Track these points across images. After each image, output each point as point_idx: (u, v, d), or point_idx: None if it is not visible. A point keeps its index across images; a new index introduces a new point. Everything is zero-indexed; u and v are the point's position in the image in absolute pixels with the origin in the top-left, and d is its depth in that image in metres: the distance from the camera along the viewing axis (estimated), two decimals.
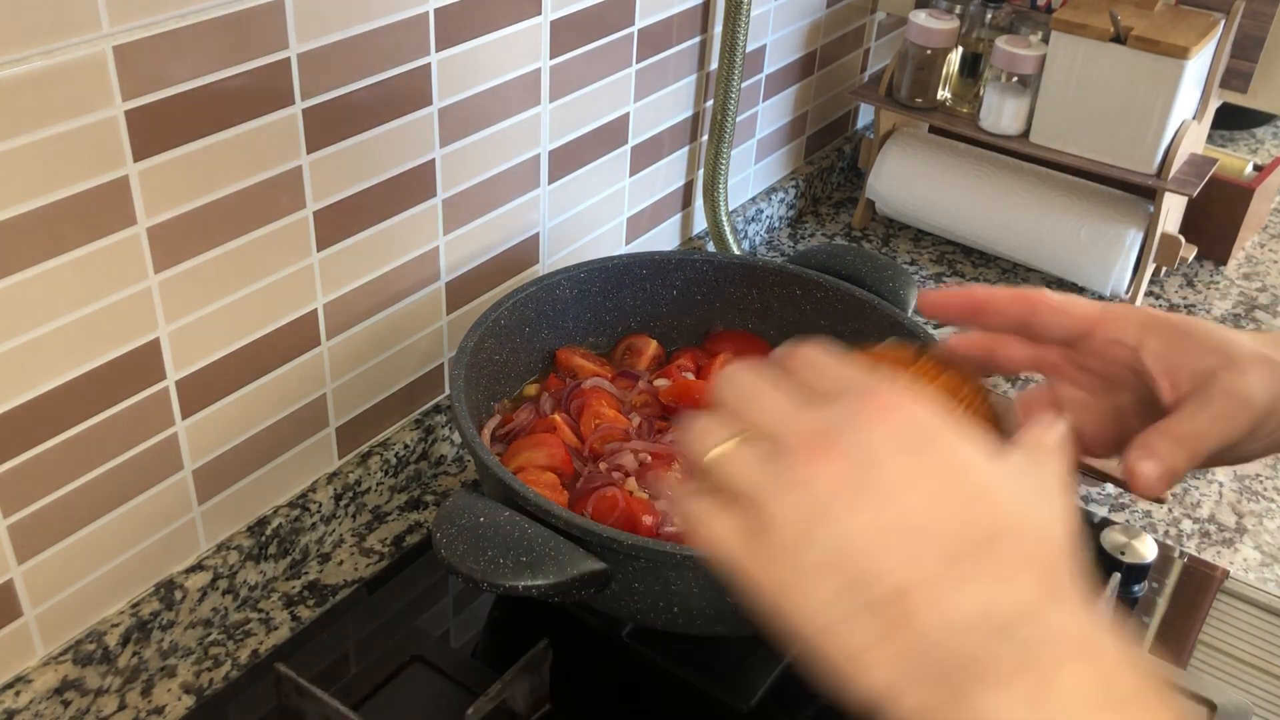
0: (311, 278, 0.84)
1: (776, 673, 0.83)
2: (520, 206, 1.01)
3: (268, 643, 0.85)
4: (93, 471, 0.74)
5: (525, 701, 0.77)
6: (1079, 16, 1.19)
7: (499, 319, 0.90)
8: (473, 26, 0.88)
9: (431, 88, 0.87)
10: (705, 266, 1.00)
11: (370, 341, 0.91)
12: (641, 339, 0.99)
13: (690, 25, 1.13)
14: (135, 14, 0.66)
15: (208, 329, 0.78)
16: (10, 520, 0.71)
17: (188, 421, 0.79)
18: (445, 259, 0.95)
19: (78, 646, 0.77)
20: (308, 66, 0.76)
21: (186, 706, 0.80)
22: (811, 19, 1.34)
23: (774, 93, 1.33)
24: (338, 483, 0.92)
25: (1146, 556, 0.92)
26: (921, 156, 1.37)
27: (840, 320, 0.97)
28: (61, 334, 0.69)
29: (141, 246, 0.71)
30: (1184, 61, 1.14)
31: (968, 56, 1.32)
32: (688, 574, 0.72)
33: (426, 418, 0.99)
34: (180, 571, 0.83)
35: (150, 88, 0.68)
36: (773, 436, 0.45)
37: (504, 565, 0.68)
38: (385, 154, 0.85)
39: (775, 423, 0.45)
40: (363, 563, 0.92)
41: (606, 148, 1.09)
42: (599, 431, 0.88)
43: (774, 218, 1.40)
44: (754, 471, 0.45)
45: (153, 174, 0.70)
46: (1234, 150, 1.61)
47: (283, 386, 0.85)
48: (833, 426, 0.44)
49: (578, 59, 1.00)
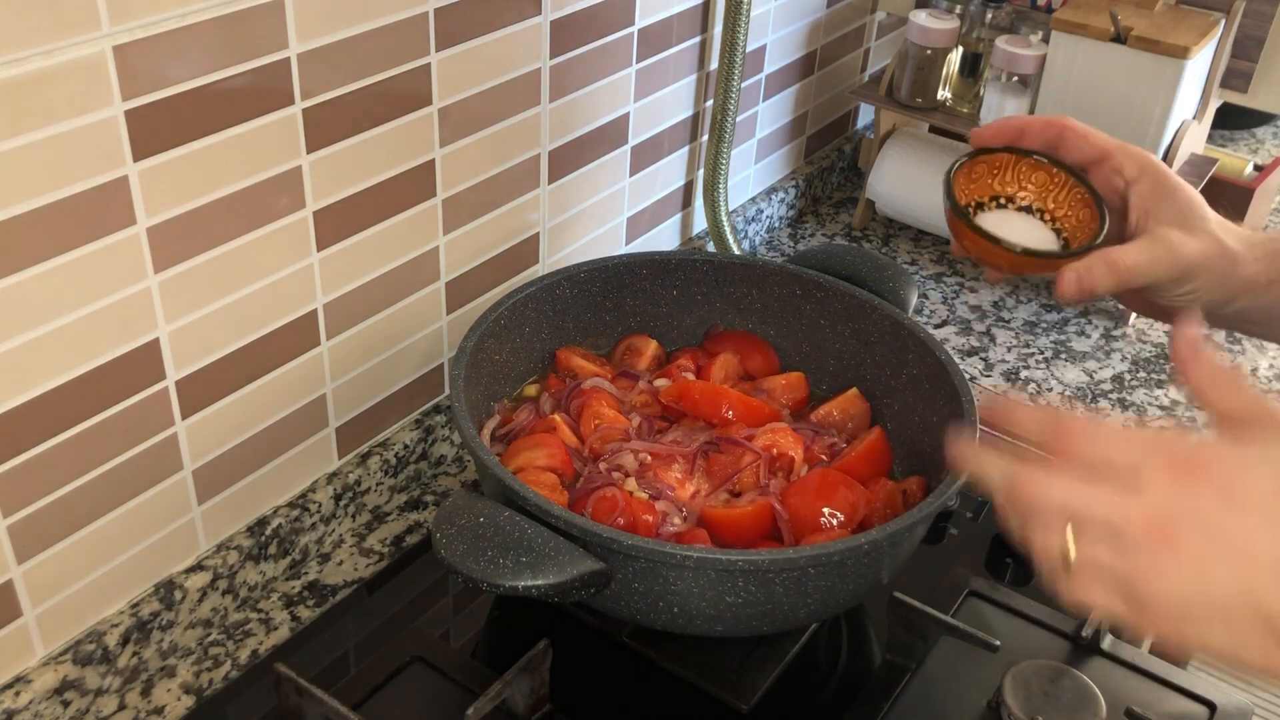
0: (311, 278, 0.84)
1: (776, 673, 0.83)
2: (520, 206, 1.01)
3: (268, 643, 0.85)
4: (93, 471, 0.74)
5: (525, 701, 0.77)
6: (1079, 16, 1.19)
7: (499, 319, 0.90)
8: (473, 26, 0.88)
9: (431, 88, 0.87)
10: (705, 266, 1.00)
11: (370, 341, 0.91)
12: (641, 339, 0.99)
13: (690, 25, 1.13)
14: (135, 14, 0.66)
15: (208, 329, 0.78)
16: (10, 520, 0.71)
17: (188, 421, 0.79)
18: (445, 259, 0.95)
19: (78, 646, 0.77)
20: (308, 66, 0.76)
21: (186, 707, 0.80)
22: (811, 19, 1.34)
23: (774, 93, 1.33)
24: (338, 483, 0.92)
25: None
26: (921, 156, 1.36)
27: (840, 320, 0.97)
28: (61, 334, 0.69)
29: (141, 246, 0.71)
30: (1184, 61, 1.14)
31: (968, 56, 1.32)
32: (688, 574, 0.72)
33: (426, 418, 0.99)
34: (180, 571, 0.83)
35: (150, 88, 0.68)
36: (1109, 526, 0.51)
37: (504, 565, 0.68)
38: (385, 154, 0.85)
39: (1107, 513, 0.51)
40: (363, 563, 0.92)
41: (606, 148, 1.09)
42: (599, 432, 0.88)
43: (774, 218, 1.40)
44: (1115, 564, 0.51)
45: (153, 174, 0.70)
46: (1234, 150, 1.61)
47: (283, 386, 0.85)
48: (1164, 509, 0.51)
49: (578, 59, 1.00)
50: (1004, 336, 1.26)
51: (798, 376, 0.97)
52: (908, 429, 0.91)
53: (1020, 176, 0.78)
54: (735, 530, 0.81)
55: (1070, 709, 0.76)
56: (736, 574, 0.72)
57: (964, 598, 0.89)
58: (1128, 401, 1.17)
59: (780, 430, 0.88)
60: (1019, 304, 1.31)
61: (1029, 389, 1.18)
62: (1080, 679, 0.78)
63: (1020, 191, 0.78)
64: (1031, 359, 1.22)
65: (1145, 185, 0.75)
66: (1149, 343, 1.26)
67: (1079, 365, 1.22)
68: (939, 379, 0.88)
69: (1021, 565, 0.95)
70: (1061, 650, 0.85)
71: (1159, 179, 0.75)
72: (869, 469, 0.87)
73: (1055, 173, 0.77)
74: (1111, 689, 0.79)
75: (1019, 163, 0.77)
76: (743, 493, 0.84)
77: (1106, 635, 0.86)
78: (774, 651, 0.84)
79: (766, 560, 0.71)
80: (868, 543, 0.72)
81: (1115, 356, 1.24)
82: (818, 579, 0.74)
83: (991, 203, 0.79)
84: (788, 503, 0.82)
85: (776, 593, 0.73)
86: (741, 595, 0.73)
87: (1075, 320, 1.29)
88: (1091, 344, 1.25)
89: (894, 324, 0.93)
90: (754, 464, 0.85)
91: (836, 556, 0.72)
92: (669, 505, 0.83)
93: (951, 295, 1.32)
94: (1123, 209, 0.76)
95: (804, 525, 0.81)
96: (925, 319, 1.27)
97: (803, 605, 0.75)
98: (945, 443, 0.84)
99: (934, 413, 0.88)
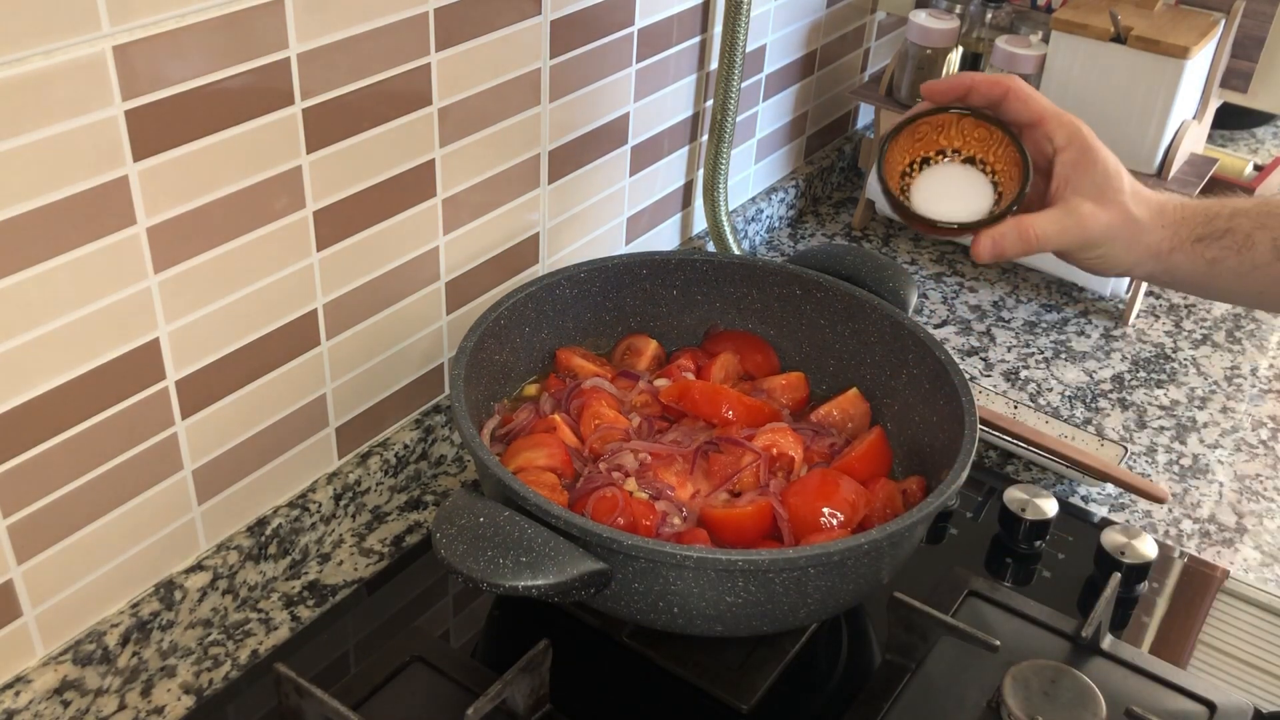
0: (311, 278, 0.84)
1: (776, 673, 0.83)
2: (520, 206, 1.01)
3: (268, 643, 0.85)
4: (93, 471, 0.74)
5: (525, 701, 0.77)
6: (1079, 16, 1.19)
7: (499, 319, 0.90)
8: (473, 26, 0.88)
9: (431, 88, 0.87)
10: (705, 266, 1.00)
11: (370, 341, 0.91)
12: (641, 339, 0.99)
13: (690, 25, 1.13)
14: (135, 14, 0.66)
15: (207, 329, 0.78)
16: (10, 520, 0.71)
17: (188, 421, 0.79)
18: (445, 259, 0.95)
19: (78, 646, 0.77)
20: (308, 66, 0.76)
21: (186, 707, 0.80)
22: (811, 19, 1.34)
23: (774, 93, 1.33)
24: (337, 483, 0.92)
25: (1147, 556, 0.92)
26: None
27: (840, 320, 0.97)
28: (61, 334, 0.69)
29: (141, 246, 0.71)
30: (1184, 61, 1.14)
31: (968, 56, 1.32)
32: (688, 574, 0.72)
33: (426, 418, 0.99)
34: (180, 571, 0.83)
35: (150, 88, 0.68)
36: None
37: (504, 565, 0.68)
38: (385, 154, 0.85)
39: None
40: (363, 563, 0.92)
41: (606, 148, 1.09)
42: (599, 431, 0.88)
43: (774, 218, 1.40)
44: None
45: (153, 174, 0.70)
46: (1234, 150, 1.61)
47: (283, 386, 0.85)
48: None
49: (578, 59, 1.00)
50: (1004, 336, 1.26)
51: (798, 376, 0.97)
52: (908, 429, 0.91)
53: (964, 132, 0.84)
54: (735, 530, 0.81)
55: (1070, 709, 0.76)
56: (736, 574, 0.72)
57: (964, 598, 0.89)
58: (1128, 401, 1.17)
59: (780, 430, 0.88)
60: (1019, 304, 1.31)
61: (1029, 389, 1.18)
62: (1080, 679, 0.78)
63: (965, 146, 0.84)
64: (1031, 359, 1.22)
65: (1070, 155, 0.80)
66: (1149, 343, 1.26)
67: (1079, 365, 1.22)
68: (939, 379, 0.88)
69: (1021, 565, 0.95)
70: (1061, 650, 0.85)
71: (1084, 150, 0.80)
72: (869, 469, 0.87)
73: (993, 130, 0.82)
74: (1111, 689, 0.79)
75: (961, 120, 0.83)
76: (743, 493, 0.84)
77: (1106, 635, 0.86)
78: (774, 651, 0.84)
79: (766, 560, 0.71)
80: (868, 543, 0.72)
81: (1115, 356, 1.24)
82: (818, 579, 0.74)
83: (939, 156, 0.85)
84: (788, 503, 0.82)
85: (776, 593, 0.73)
86: (741, 595, 0.73)
87: (1075, 320, 1.29)
88: (1091, 344, 1.25)
89: (894, 324, 0.93)
90: (754, 464, 0.85)
91: (836, 556, 0.72)
92: (669, 505, 0.83)
93: (951, 295, 1.32)
94: (1048, 173, 0.81)
95: (804, 525, 0.81)
96: (925, 319, 1.27)
97: (803, 605, 0.75)
98: (945, 443, 0.84)
99: (934, 413, 0.88)
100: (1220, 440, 1.13)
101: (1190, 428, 1.14)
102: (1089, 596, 0.91)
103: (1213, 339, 1.28)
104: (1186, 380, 1.21)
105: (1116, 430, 1.13)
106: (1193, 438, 1.13)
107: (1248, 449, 1.12)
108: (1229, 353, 1.26)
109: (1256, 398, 1.19)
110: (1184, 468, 1.09)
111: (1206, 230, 0.80)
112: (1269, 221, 0.79)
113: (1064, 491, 1.05)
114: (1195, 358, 1.24)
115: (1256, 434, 1.14)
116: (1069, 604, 0.91)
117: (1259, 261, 0.79)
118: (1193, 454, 1.11)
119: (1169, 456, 1.10)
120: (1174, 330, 1.29)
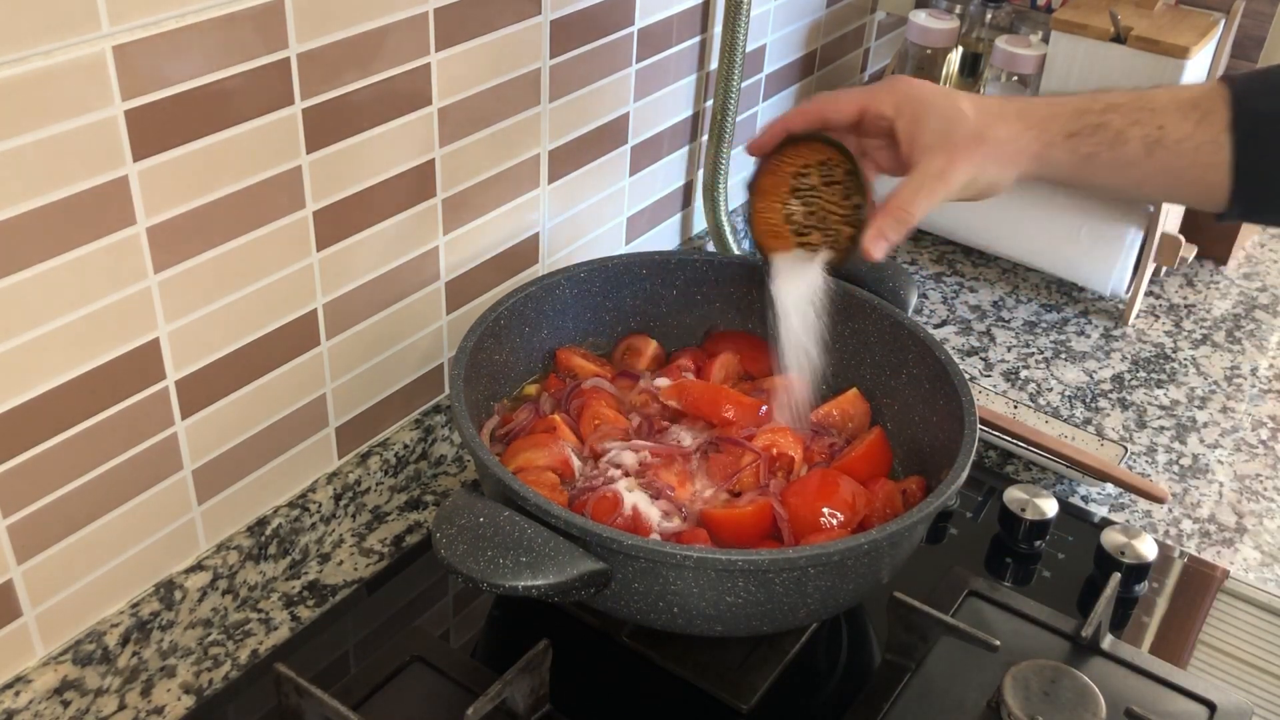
0: (311, 278, 0.84)
1: (776, 673, 0.83)
2: (520, 206, 1.01)
3: (268, 643, 0.85)
4: (93, 471, 0.74)
5: (525, 701, 0.77)
6: (1079, 16, 1.19)
7: (499, 319, 0.90)
8: (473, 26, 0.88)
9: (431, 88, 0.87)
10: (705, 266, 1.00)
11: (370, 341, 0.91)
12: (641, 339, 0.99)
13: (690, 25, 1.13)
14: (135, 14, 0.65)
15: (207, 329, 0.78)
16: (10, 520, 0.71)
17: (187, 421, 0.79)
18: (445, 259, 0.95)
19: (77, 646, 0.77)
20: (308, 66, 0.76)
21: (186, 706, 0.80)
22: (811, 19, 1.34)
23: (774, 93, 1.33)
24: (337, 483, 0.92)
25: (1146, 556, 0.92)
26: None
27: (840, 320, 0.97)
28: (61, 334, 0.69)
29: (141, 246, 0.71)
30: (1184, 61, 1.14)
31: (968, 56, 1.32)
32: (687, 574, 0.72)
33: (426, 418, 0.99)
34: (180, 571, 0.83)
35: (150, 88, 0.68)
36: None
37: (504, 565, 0.68)
38: (385, 154, 0.85)
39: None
40: (363, 563, 0.92)
41: (606, 148, 1.09)
42: (599, 431, 0.88)
43: None
44: None
45: (152, 174, 0.70)
46: None
47: (283, 386, 0.85)
48: None
49: (578, 59, 1.00)
50: (1004, 336, 1.26)
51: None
52: (908, 429, 0.91)
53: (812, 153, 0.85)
54: (735, 530, 0.81)
55: (1070, 709, 0.76)
56: (736, 574, 0.72)
57: (964, 598, 0.89)
58: (1128, 401, 1.17)
59: (780, 430, 0.88)
60: (1019, 304, 1.31)
61: (1029, 389, 1.18)
62: (1080, 679, 0.78)
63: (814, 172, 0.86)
64: (1031, 359, 1.22)
65: (904, 120, 0.80)
66: (1149, 342, 1.26)
67: (1079, 365, 1.22)
68: (939, 379, 0.88)
69: (1021, 565, 0.95)
70: (1061, 650, 0.85)
71: (915, 108, 0.80)
72: (869, 469, 0.87)
73: (816, 145, 0.84)
74: (1111, 689, 0.79)
75: (799, 147, 0.84)
76: (743, 493, 0.84)
77: (1106, 635, 0.86)
78: (774, 651, 0.84)
79: (766, 560, 0.71)
80: (868, 543, 0.72)
81: (1115, 356, 1.24)
82: (818, 579, 0.74)
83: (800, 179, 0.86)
84: (788, 503, 0.82)
85: (776, 593, 0.73)
86: (741, 595, 0.73)
87: (1075, 320, 1.29)
88: (1091, 344, 1.25)
89: (894, 324, 0.93)
90: (754, 464, 0.85)
91: (836, 556, 0.72)
92: (669, 505, 0.83)
93: (951, 295, 1.32)
94: (896, 145, 0.81)
95: (804, 525, 0.81)
96: (925, 319, 1.27)
97: (803, 605, 0.75)
98: (945, 443, 0.84)
99: (934, 413, 0.88)
100: (1220, 440, 1.13)
101: (1190, 428, 1.14)
102: (1089, 596, 0.91)
103: (1213, 339, 1.28)
104: (1186, 380, 1.21)
105: (1116, 430, 1.13)
106: (1193, 438, 1.13)
107: (1247, 449, 1.12)
108: (1229, 353, 1.26)
109: (1256, 398, 1.19)
110: (1184, 468, 1.09)
111: (1077, 125, 0.79)
112: (1142, 117, 0.78)
113: (1064, 491, 1.05)
114: (1195, 358, 1.24)
115: (1256, 434, 1.14)
116: (1069, 604, 0.91)
117: (1131, 158, 0.78)
118: (1193, 454, 1.11)
119: (1169, 456, 1.10)
120: (1174, 330, 1.29)
